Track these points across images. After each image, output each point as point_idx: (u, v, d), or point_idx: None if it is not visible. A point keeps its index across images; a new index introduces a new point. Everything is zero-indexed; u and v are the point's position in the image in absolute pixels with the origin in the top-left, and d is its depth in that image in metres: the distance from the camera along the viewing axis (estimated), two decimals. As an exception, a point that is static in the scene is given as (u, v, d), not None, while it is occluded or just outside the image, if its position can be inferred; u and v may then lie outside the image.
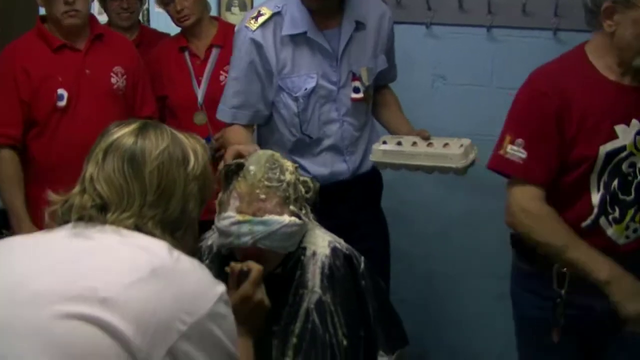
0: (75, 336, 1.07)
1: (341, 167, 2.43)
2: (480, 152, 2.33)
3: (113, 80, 2.80)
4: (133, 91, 2.87)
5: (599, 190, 1.96)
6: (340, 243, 1.81)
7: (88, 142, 1.33)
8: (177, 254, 1.21)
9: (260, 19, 2.29)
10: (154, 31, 3.51)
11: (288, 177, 1.71)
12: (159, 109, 2.98)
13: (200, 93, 2.94)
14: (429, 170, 2.26)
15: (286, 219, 1.67)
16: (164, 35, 3.29)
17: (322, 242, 1.78)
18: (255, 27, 2.29)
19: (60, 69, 2.72)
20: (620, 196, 1.96)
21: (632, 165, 1.96)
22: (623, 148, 1.94)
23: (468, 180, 2.28)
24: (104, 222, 1.22)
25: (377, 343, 1.77)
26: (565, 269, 2.00)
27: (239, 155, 1.83)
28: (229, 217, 1.68)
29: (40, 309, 1.09)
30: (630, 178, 1.97)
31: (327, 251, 1.76)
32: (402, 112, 2.58)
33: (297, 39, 2.31)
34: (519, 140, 1.96)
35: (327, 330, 1.67)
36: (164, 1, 2.94)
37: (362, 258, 1.81)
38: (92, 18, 2.87)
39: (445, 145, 2.25)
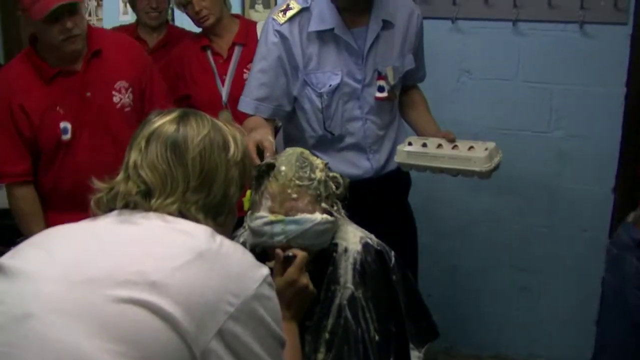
0: (127, 319, 1.09)
1: (364, 165, 2.43)
2: (505, 147, 2.33)
3: (115, 99, 2.60)
4: (141, 101, 2.69)
5: None
6: (372, 239, 1.81)
7: (100, 168, 1.36)
8: (220, 238, 1.22)
9: (289, 13, 2.29)
10: (182, 30, 3.53)
11: (318, 174, 1.72)
12: (182, 108, 2.98)
13: (224, 91, 2.94)
14: (453, 173, 2.25)
15: (318, 217, 1.68)
16: (191, 34, 3.31)
17: (353, 238, 1.78)
18: (283, 21, 2.29)
19: (59, 99, 2.51)
20: None
21: None
22: None
23: (493, 178, 2.28)
24: (148, 208, 1.24)
25: (408, 337, 1.78)
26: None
27: (259, 145, 1.87)
28: (261, 217, 1.68)
29: (93, 293, 1.11)
30: None
31: (359, 247, 1.76)
32: (429, 113, 2.57)
33: (323, 36, 2.30)
34: None
35: (359, 325, 1.68)
36: (182, 3, 2.93)
37: (393, 253, 1.81)
38: (90, 31, 2.58)
39: (470, 148, 2.24)
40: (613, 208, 3.00)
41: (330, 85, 2.32)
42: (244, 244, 1.83)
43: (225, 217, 1.33)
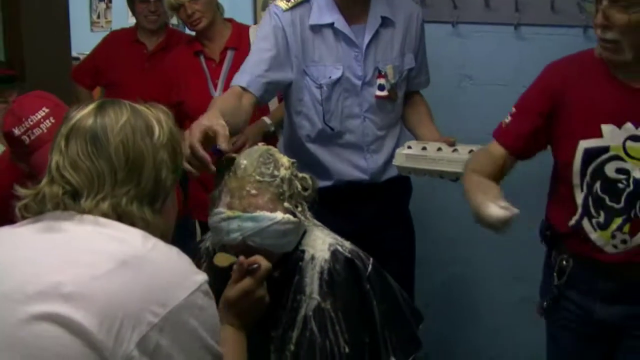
0: (35, 337, 1.04)
1: (361, 164, 2.39)
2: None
3: None
4: None
5: (582, 190, 1.90)
6: (343, 245, 1.73)
7: None
8: (153, 242, 1.16)
9: (292, 1, 2.28)
10: (181, 34, 3.52)
11: (282, 172, 1.64)
12: (176, 115, 2.95)
13: (217, 96, 2.88)
14: (453, 177, 2.20)
15: (279, 215, 1.61)
16: (187, 39, 3.27)
17: (321, 245, 1.70)
18: (285, 8, 2.28)
19: None
20: (608, 202, 1.87)
21: (623, 171, 1.85)
22: (605, 149, 1.85)
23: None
24: (80, 210, 1.18)
25: (386, 348, 1.69)
26: (564, 261, 1.99)
27: (209, 132, 1.72)
28: (219, 213, 1.62)
29: (5, 309, 1.06)
30: (621, 186, 1.86)
31: (327, 255, 1.68)
32: (431, 119, 2.53)
33: (324, 30, 2.30)
34: (513, 109, 2.05)
35: (327, 337, 1.60)
36: (173, 6, 2.91)
37: (371, 260, 1.73)
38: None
39: (471, 151, 2.19)
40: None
41: (330, 77, 2.30)
42: (208, 248, 1.78)
43: (162, 203, 1.26)
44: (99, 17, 5.06)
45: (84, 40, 4.26)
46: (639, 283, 1.90)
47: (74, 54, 4.29)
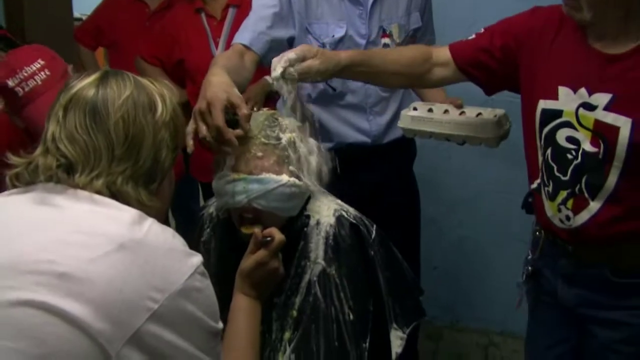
0: (29, 320, 1.00)
1: (364, 126, 2.34)
2: (515, 114, 2.21)
3: None
4: None
5: (541, 154, 1.79)
6: (348, 211, 1.69)
7: None
8: (147, 224, 1.12)
9: None
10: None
11: (287, 135, 1.60)
12: (177, 74, 2.90)
13: (217, 55, 2.82)
14: (459, 140, 2.14)
15: (284, 178, 1.57)
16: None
17: (326, 211, 1.67)
18: None
19: None
20: (556, 172, 1.75)
21: (573, 141, 1.70)
22: (559, 113, 1.71)
23: (501, 147, 2.17)
24: (73, 185, 1.14)
25: (390, 316, 1.67)
26: (537, 232, 1.89)
27: (228, 105, 1.59)
28: (224, 175, 1.58)
29: None
30: (569, 156, 1.71)
31: (332, 220, 1.65)
32: None
33: None
34: (482, 30, 1.93)
35: (332, 303, 1.57)
36: None
37: (374, 227, 1.70)
38: None
39: (479, 114, 2.13)
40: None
41: (333, 36, 2.24)
42: (212, 213, 1.74)
43: (158, 184, 1.21)
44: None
45: (86, 1, 4.20)
46: (591, 266, 1.77)
47: (76, 14, 4.23)
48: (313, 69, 1.72)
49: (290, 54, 1.70)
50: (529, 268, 1.95)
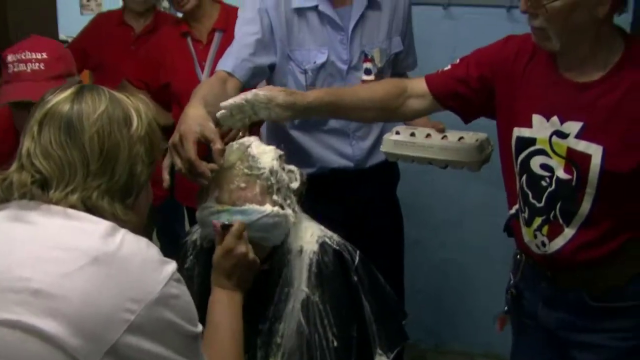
0: (9, 344, 1.01)
1: (346, 151, 2.35)
2: (495, 140, 2.24)
3: None
4: None
5: (518, 180, 1.81)
6: (331, 237, 1.71)
7: None
8: (120, 235, 1.12)
9: None
10: (169, 16, 3.45)
11: (270, 164, 1.62)
12: (163, 97, 2.91)
13: (203, 78, 2.84)
14: (442, 164, 2.16)
15: (268, 208, 1.59)
16: (173, 20, 3.23)
17: (310, 238, 1.68)
18: None
19: None
20: (531, 199, 1.77)
21: (547, 168, 1.73)
22: (533, 141, 1.74)
23: (485, 170, 2.19)
24: (47, 200, 1.14)
25: (374, 341, 1.67)
26: (518, 255, 1.91)
27: (201, 139, 1.62)
28: (208, 206, 1.60)
29: None
30: (544, 183, 1.73)
31: (315, 247, 1.66)
32: None
33: (308, 13, 2.23)
34: (457, 60, 1.94)
35: (316, 330, 1.58)
36: None
37: (357, 252, 1.71)
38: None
39: (461, 139, 2.14)
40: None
41: (315, 62, 2.24)
42: (195, 241, 1.75)
43: (134, 199, 1.21)
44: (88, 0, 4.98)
45: (73, 23, 4.20)
46: (570, 289, 1.79)
47: (62, 36, 4.23)
48: (279, 98, 1.73)
49: (255, 90, 1.73)
50: (512, 291, 1.96)
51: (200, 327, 1.20)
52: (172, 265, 1.14)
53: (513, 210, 1.86)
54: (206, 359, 1.24)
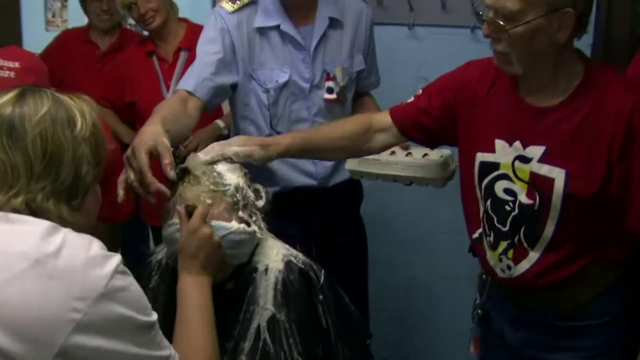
0: None
1: (309, 169, 2.34)
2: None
3: None
4: None
5: (482, 204, 1.82)
6: (297, 256, 1.70)
7: None
8: (62, 235, 1.11)
9: (238, 3, 2.21)
10: (135, 34, 3.44)
11: (235, 181, 1.62)
12: (128, 115, 2.89)
13: (168, 97, 2.80)
14: (406, 181, 2.17)
15: (234, 225, 1.58)
16: (139, 38, 3.22)
17: (275, 256, 1.67)
18: (231, 10, 2.20)
19: None
20: (496, 223, 1.78)
21: (510, 192, 1.74)
22: (496, 166, 1.75)
23: (451, 188, 2.21)
24: None
25: None
26: (483, 275, 1.92)
27: (153, 152, 1.63)
28: (173, 224, 1.59)
29: None
30: (507, 208, 1.74)
31: (281, 266, 1.65)
32: None
33: (270, 33, 2.23)
34: (420, 91, 1.95)
35: (281, 349, 1.57)
36: (125, 4, 2.86)
37: (323, 271, 1.71)
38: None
39: (425, 155, 2.17)
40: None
41: (277, 81, 2.24)
42: (160, 260, 1.73)
43: (81, 200, 1.20)
44: (54, 15, 4.94)
45: (39, 40, 4.15)
46: (535, 309, 1.80)
47: (26, 53, 4.17)
48: (255, 156, 1.76)
49: (235, 149, 1.71)
50: (479, 311, 1.97)
51: (155, 316, 1.18)
52: (115, 259, 1.13)
53: (476, 234, 1.87)
54: (167, 345, 1.22)
